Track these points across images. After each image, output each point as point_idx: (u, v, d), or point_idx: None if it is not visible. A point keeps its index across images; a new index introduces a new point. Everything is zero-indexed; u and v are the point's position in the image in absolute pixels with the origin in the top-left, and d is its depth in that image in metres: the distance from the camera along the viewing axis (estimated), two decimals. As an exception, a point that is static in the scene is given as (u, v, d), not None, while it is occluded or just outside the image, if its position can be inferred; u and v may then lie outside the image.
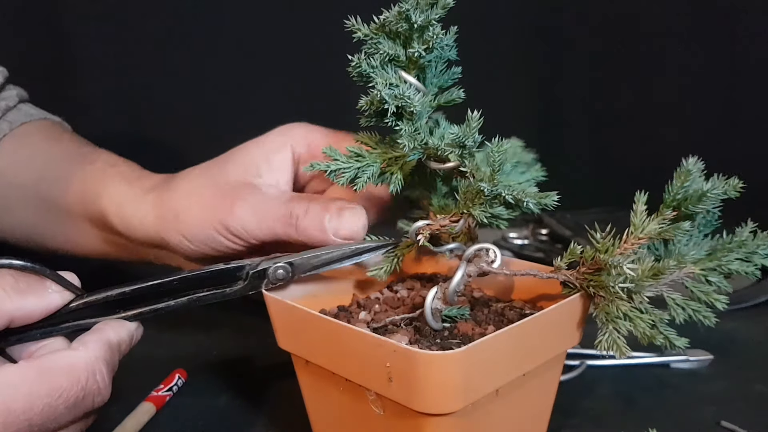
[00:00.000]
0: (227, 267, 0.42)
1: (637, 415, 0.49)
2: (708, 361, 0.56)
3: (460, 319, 0.42)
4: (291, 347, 0.42)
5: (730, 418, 0.47)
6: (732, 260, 0.40)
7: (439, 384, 0.34)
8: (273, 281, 0.43)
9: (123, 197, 0.53)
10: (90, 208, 0.55)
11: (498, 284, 0.49)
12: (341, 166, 0.41)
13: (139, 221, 0.52)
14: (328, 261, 0.43)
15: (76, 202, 0.57)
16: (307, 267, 0.43)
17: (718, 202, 0.40)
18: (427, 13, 0.39)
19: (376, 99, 0.39)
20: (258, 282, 0.42)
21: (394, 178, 0.42)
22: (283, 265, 0.42)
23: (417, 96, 0.40)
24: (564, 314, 0.40)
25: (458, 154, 0.40)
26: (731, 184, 0.40)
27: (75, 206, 0.57)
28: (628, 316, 0.38)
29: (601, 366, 0.56)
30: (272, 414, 0.50)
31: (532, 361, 0.39)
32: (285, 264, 0.42)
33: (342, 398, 0.40)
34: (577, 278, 0.41)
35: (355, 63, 0.40)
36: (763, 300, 0.67)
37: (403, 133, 0.40)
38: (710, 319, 0.39)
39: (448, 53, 0.43)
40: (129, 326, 0.42)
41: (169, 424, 0.49)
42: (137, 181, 0.54)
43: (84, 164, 0.58)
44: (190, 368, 0.56)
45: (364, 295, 0.49)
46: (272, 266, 0.42)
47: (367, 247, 0.44)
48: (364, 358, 0.36)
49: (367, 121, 0.43)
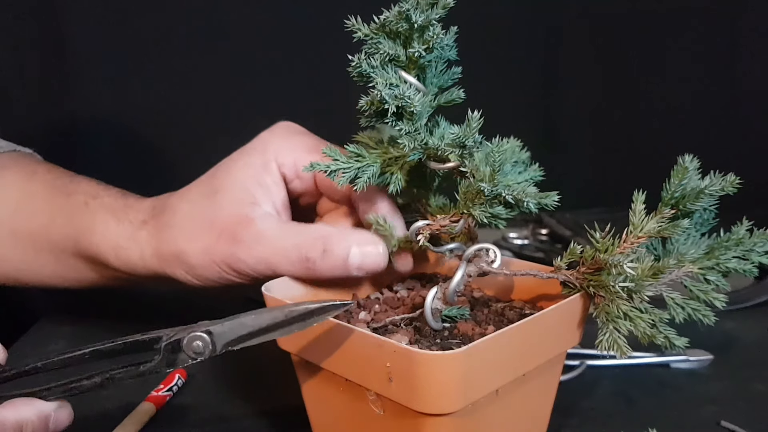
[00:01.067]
0: (141, 338, 0.38)
1: (637, 415, 0.49)
2: (708, 361, 0.56)
3: (460, 319, 0.42)
4: (291, 347, 0.42)
5: (730, 418, 0.47)
6: (730, 258, 0.40)
7: (439, 384, 0.34)
8: (191, 355, 0.37)
9: (116, 236, 0.51)
10: (80, 246, 0.53)
11: (498, 284, 0.49)
12: (341, 166, 0.41)
13: (140, 258, 0.50)
14: (257, 330, 0.37)
15: (63, 239, 0.54)
16: (233, 337, 0.37)
17: (715, 198, 0.40)
18: (427, 13, 0.39)
19: (376, 99, 0.39)
20: (173, 357, 0.37)
21: (394, 179, 0.42)
22: (199, 335, 0.37)
23: (417, 96, 0.40)
24: (564, 314, 0.40)
25: (458, 154, 0.40)
26: (728, 180, 0.40)
27: (61, 243, 0.54)
28: (628, 316, 0.38)
29: (601, 366, 0.56)
30: (272, 414, 0.50)
31: (532, 361, 0.39)
32: (202, 334, 0.37)
33: (342, 398, 0.40)
34: (577, 278, 0.41)
35: (355, 63, 0.40)
36: (762, 300, 0.67)
37: (403, 133, 0.40)
38: (709, 318, 0.39)
39: (448, 53, 0.43)
40: (41, 407, 0.38)
41: (169, 424, 0.49)
42: (124, 214, 0.52)
43: (64, 197, 0.55)
44: (190, 368, 0.56)
45: (364, 295, 0.49)
46: (187, 337, 0.37)
47: (307, 309, 0.37)
48: (364, 358, 0.36)
49: (367, 121, 0.43)
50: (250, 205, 0.46)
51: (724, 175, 0.40)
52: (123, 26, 0.94)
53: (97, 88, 0.95)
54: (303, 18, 0.96)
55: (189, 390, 0.54)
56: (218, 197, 0.47)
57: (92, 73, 0.95)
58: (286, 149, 0.48)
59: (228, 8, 0.96)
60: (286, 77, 0.98)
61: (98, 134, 0.97)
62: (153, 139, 0.98)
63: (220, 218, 0.46)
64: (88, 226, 0.52)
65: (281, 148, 0.48)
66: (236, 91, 0.98)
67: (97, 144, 0.96)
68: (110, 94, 0.96)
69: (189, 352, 0.37)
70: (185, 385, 0.54)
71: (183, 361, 0.38)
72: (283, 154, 0.48)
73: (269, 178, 0.47)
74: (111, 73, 0.95)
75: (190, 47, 0.96)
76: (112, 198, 0.54)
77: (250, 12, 0.96)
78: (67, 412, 0.39)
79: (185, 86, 0.97)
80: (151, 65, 0.96)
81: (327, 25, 0.88)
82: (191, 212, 0.48)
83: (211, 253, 0.46)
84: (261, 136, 0.49)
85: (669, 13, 0.98)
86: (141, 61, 0.96)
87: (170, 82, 0.97)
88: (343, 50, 0.41)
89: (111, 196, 0.54)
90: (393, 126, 0.41)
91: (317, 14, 0.94)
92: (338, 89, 0.63)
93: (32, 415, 0.37)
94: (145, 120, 0.98)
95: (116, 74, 0.96)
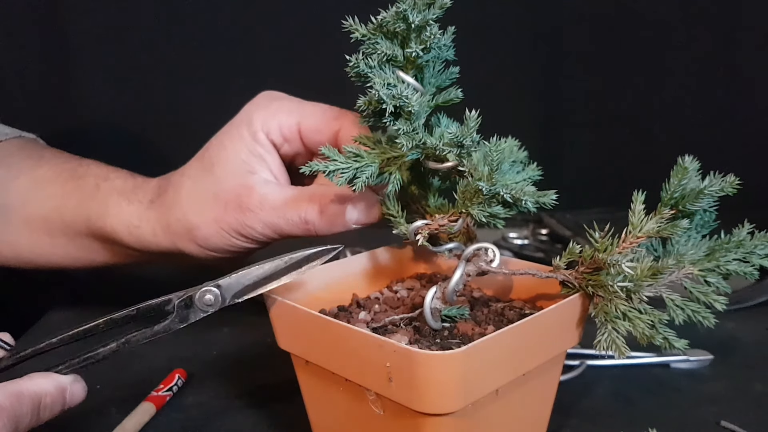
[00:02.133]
0: (153, 303, 0.40)
1: (637, 415, 0.49)
2: (708, 361, 0.56)
3: (459, 319, 0.42)
4: (291, 347, 0.42)
5: (730, 418, 0.47)
6: (730, 260, 0.40)
7: (439, 384, 0.34)
8: (202, 308, 0.40)
9: (129, 216, 0.53)
10: (94, 227, 0.55)
11: (497, 284, 0.49)
12: (340, 167, 0.41)
13: (152, 235, 0.53)
14: (262, 277, 0.40)
15: (76, 221, 0.56)
16: (239, 288, 0.40)
17: (715, 199, 0.40)
18: (424, 13, 0.39)
19: (374, 99, 0.40)
20: (186, 312, 0.40)
21: (393, 178, 0.42)
22: (210, 289, 0.40)
23: (415, 96, 0.40)
24: (563, 314, 0.40)
25: (456, 154, 0.40)
26: (728, 181, 0.40)
27: (75, 225, 0.56)
28: (627, 316, 0.38)
29: (601, 366, 0.56)
30: (272, 414, 0.50)
31: (532, 361, 0.39)
32: (212, 287, 0.40)
33: (342, 398, 0.40)
34: (576, 278, 0.41)
35: (353, 63, 0.40)
36: (762, 300, 0.67)
37: (401, 132, 0.40)
38: (709, 320, 0.39)
39: (445, 53, 0.43)
40: (58, 379, 0.39)
41: (169, 424, 0.49)
42: (134, 195, 0.54)
43: (74, 180, 0.57)
44: (190, 368, 0.56)
45: (363, 295, 0.49)
46: (198, 292, 0.40)
47: (303, 255, 0.41)
48: (364, 358, 0.36)
49: (365, 120, 0.43)
50: (248, 174, 0.49)
51: (723, 176, 0.40)
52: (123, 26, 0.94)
53: (97, 87, 0.96)
54: (303, 18, 0.96)
55: (189, 390, 0.54)
56: (216, 170, 0.50)
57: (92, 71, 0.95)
58: (269, 117, 0.50)
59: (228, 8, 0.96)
60: (288, 77, 0.98)
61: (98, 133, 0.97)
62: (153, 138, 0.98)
63: (223, 190, 0.49)
64: (101, 208, 0.55)
65: (265, 116, 0.50)
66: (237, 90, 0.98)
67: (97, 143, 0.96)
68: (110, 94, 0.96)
69: (201, 306, 0.40)
70: (185, 385, 0.54)
71: (195, 315, 0.40)
72: (268, 121, 0.50)
73: (260, 147, 0.49)
74: (111, 73, 0.96)
75: (190, 46, 0.96)
76: (122, 179, 0.56)
77: (251, 12, 0.96)
78: (82, 386, 0.40)
79: (185, 85, 0.97)
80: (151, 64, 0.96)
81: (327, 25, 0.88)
82: (194, 188, 0.51)
83: (221, 223, 0.49)
84: (245, 109, 0.51)
85: (669, 14, 0.98)
86: (141, 60, 0.96)
87: (170, 82, 0.97)
88: (343, 51, 0.41)
89: (120, 177, 0.57)
90: (391, 126, 0.41)
91: (317, 14, 0.94)
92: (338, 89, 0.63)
93: (50, 387, 0.38)
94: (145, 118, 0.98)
95: (116, 73, 0.96)
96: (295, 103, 0.51)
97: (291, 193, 0.49)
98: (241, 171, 0.49)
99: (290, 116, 0.49)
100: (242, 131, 0.50)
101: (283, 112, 0.50)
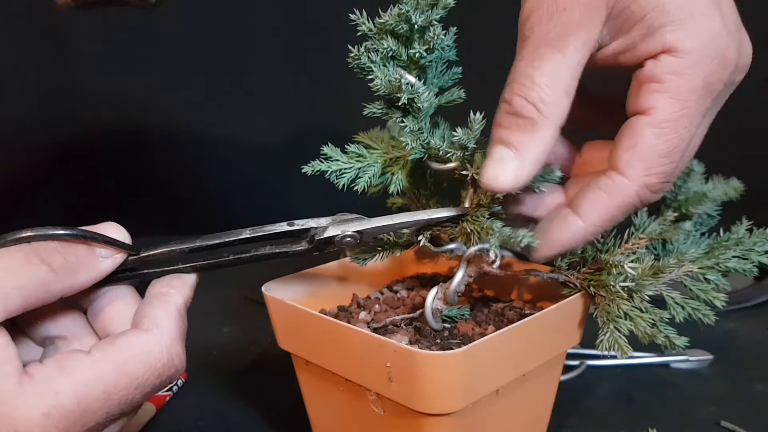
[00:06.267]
0: (291, 229, 0.39)
1: (637, 415, 0.49)
2: (708, 361, 0.56)
3: (460, 319, 0.42)
4: (291, 347, 0.42)
5: (730, 418, 0.47)
6: (729, 258, 0.40)
7: (440, 384, 0.34)
8: (340, 246, 0.40)
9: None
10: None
11: (498, 284, 0.49)
12: (342, 166, 0.41)
13: None
14: (393, 225, 0.40)
15: None
16: (375, 233, 0.40)
17: (718, 204, 0.40)
18: (427, 13, 0.39)
19: (395, 83, 0.39)
20: (323, 245, 0.40)
21: (395, 179, 0.42)
22: (351, 234, 0.39)
23: (425, 93, 0.39)
24: (564, 314, 0.40)
25: (460, 156, 0.40)
26: (732, 186, 0.40)
27: None
28: (629, 316, 0.38)
29: (601, 366, 0.56)
30: (272, 414, 0.50)
31: (532, 361, 0.39)
32: (354, 233, 0.39)
33: (342, 398, 0.40)
34: (578, 278, 0.41)
35: (355, 55, 0.40)
36: (763, 300, 0.67)
37: (407, 130, 0.40)
38: (709, 317, 0.39)
39: (448, 54, 0.43)
40: (191, 281, 0.38)
41: (169, 424, 0.49)
42: None
43: None
44: (190, 368, 0.55)
45: (364, 295, 0.49)
46: (340, 235, 0.39)
47: (437, 218, 0.40)
48: (365, 358, 0.36)
49: (377, 108, 0.41)
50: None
51: (726, 179, 0.40)
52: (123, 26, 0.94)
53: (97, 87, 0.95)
54: (303, 17, 0.96)
55: (189, 390, 0.54)
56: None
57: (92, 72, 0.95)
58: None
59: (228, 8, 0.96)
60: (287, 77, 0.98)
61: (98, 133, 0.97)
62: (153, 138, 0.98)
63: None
64: None
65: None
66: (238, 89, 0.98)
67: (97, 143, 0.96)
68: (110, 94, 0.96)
69: (338, 245, 0.39)
70: (185, 385, 0.54)
71: (330, 248, 0.40)
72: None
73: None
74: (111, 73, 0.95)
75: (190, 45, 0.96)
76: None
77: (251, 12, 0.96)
78: (197, 278, 0.38)
79: (185, 85, 0.97)
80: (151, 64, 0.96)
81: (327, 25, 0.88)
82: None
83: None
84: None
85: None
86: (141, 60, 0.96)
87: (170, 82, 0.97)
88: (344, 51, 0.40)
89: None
90: (399, 122, 0.40)
91: (318, 14, 0.94)
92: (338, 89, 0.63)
93: (189, 292, 0.37)
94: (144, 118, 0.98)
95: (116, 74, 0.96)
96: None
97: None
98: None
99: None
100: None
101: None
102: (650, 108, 0.36)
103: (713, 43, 0.35)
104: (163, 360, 0.34)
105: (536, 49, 0.36)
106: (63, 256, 0.33)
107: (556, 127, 0.36)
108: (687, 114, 0.36)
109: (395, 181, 0.42)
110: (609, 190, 0.36)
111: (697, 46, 0.35)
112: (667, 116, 0.35)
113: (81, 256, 0.34)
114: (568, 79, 0.36)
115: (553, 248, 0.38)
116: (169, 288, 0.37)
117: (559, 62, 0.36)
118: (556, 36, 0.36)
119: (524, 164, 0.36)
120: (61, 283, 0.33)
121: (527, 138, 0.36)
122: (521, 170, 0.36)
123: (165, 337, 0.35)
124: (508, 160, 0.36)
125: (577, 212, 0.37)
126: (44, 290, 0.32)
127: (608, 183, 0.36)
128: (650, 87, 0.36)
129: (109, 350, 0.33)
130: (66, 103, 0.96)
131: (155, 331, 0.34)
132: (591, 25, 0.36)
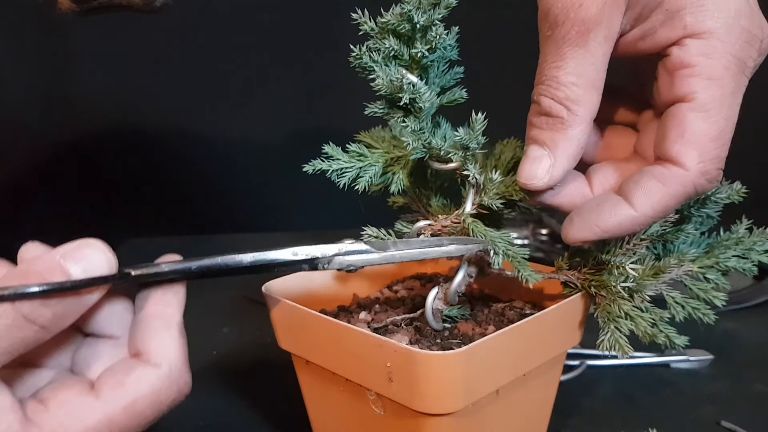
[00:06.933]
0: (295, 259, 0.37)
1: (637, 415, 0.49)
2: (708, 361, 0.56)
3: (460, 319, 0.42)
4: (291, 347, 0.42)
5: (730, 418, 0.47)
6: (729, 257, 0.41)
7: (440, 384, 0.34)
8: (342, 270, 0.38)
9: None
10: None
11: (498, 284, 0.49)
12: (343, 165, 0.41)
13: None
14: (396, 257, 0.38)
15: None
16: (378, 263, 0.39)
17: (720, 206, 0.41)
18: (429, 13, 0.39)
19: (396, 83, 0.39)
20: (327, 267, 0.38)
21: (396, 178, 0.42)
22: (353, 265, 0.38)
23: (426, 93, 0.39)
24: (564, 314, 0.40)
25: (461, 156, 0.40)
26: (735, 189, 0.40)
27: None
28: (630, 316, 0.38)
29: (601, 366, 0.56)
30: (272, 414, 0.50)
31: (533, 361, 0.39)
32: (356, 267, 0.38)
33: (342, 398, 0.40)
34: (579, 278, 0.41)
35: (356, 54, 0.40)
36: (763, 300, 0.67)
37: (409, 130, 0.40)
38: (709, 317, 0.39)
39: (449, 53, 0.43)
40: (183, 292, 0.36)
41: (169, 424, 0.49)
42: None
43: None
44: (190, 368, 0.56)
45: (364, 295, 0.49)
46: (345, 268, 0.38)
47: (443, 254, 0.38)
48: (365, 358, 0.36)
49: (378, 107, 0.41)
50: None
51: (731, 183, 0.40)
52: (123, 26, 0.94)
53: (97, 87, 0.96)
54: (305, 17, 0.96)
55: (189, 390, 0.54)
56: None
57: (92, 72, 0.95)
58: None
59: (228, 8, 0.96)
60: (287, 77, 0.98)
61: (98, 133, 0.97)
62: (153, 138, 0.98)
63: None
64: None
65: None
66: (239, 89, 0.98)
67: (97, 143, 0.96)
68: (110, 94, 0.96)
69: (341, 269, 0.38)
70: (185, 384, 0.54)
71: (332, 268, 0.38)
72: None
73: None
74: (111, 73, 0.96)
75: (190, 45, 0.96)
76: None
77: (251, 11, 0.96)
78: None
79: (185, 85, 0.97)
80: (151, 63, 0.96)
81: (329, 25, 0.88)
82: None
83: None
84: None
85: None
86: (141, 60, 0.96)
87: (170, 81, 0.97)
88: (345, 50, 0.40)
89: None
90: (401, 122, 0.40)
91: (319, 13, 0.94)
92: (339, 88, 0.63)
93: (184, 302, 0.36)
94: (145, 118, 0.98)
95: (116, 73, 0.96)
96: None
97: None
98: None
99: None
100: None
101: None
102: (689, 93, 0.35)
103: (737, 20, 0.34)
104: (172, 395, 0.34)
105: (558, 48, 0.36)
106: (50, 310, 0.31)
107: (587, 123, 0.36)
108: (728, 92, 0.35)
109: (396, 180, 0.42)
110: (664, 179, 0.35)
111: (721, 24, 0.34)
112: (708, 98, 0.34)
113: (67, 303, 0.32)
114: (594, 73, 0.35)
115: (596, 233, 0.37)
116: (165, 307, 0.35)
117: (584, 58, 0.35)
118: (576, 33, 0.35)
119: (558, 162, 0.36)
120: (50, 334, 0.32)
121: (559, 136, 0.36)
122: (555, 168, 0.36)
123: (173, 369, 0.34)
124: (541, 158, 0.36)
125: (629, 200, 0.36)
126: (34, 343, 0.31)
127: (664, 172, 0.35)
128: (683, 73, 0.35)
129: (118, 391, 0.32)
130: (66, 103, 0.96)
131: (164, 365, 0.34)
132: (611, 17, 0.35)
